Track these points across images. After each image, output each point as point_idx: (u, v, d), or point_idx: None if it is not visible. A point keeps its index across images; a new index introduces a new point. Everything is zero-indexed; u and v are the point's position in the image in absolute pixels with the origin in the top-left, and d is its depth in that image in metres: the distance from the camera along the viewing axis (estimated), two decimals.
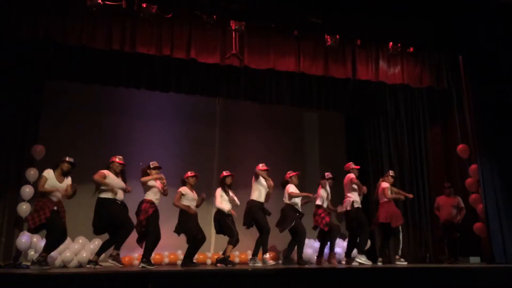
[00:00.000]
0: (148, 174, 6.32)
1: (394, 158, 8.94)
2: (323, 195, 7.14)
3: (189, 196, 6.57)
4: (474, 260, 7.41)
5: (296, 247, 6.75)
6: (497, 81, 7.59)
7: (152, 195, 6.23)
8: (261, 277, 4.89)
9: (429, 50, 8.10)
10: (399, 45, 7.75)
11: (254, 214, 6.68)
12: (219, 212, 6.65)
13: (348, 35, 7.56)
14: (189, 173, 6.70)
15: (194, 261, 6.73)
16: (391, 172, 7.62)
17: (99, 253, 5.94)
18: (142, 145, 8.29)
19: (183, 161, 8.07)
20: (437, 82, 8.21)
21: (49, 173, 5.68)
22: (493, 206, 7.18)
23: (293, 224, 6.67)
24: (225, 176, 6.84)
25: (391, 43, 7.73)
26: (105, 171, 5.94)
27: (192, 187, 6.67)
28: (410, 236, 8.55)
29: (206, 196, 6.84)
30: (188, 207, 6.49)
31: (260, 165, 6.94)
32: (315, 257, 7.41)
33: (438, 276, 5.54)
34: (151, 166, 6.37)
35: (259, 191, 6.80)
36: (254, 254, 6.71)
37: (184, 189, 6.58)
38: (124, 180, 6.13)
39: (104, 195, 5.85)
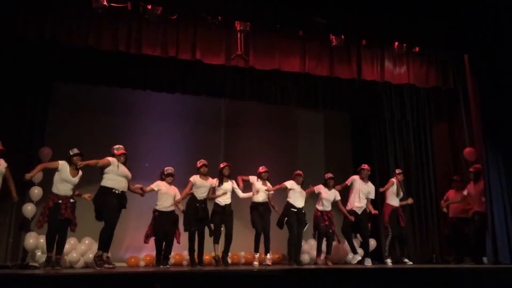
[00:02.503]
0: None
1: (400, 158, 8.90)
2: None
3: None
4: (486, 260, 7.34)
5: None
6: (504, 80, 7.54)
7: None
8: (267, 278, 4.90)
9: (435, 49, 8.07)
10: (404, 45, 7.73)
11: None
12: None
13: (353, 35, 7.55)
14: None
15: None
16: (397, 171, 7.66)
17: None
18: (148, 146, 8.33)
19: (188, 162, 8.08)
20: (444, 81, 8.18)
21: (63, 165, 5.77)
22: (500, 206, 7.12)
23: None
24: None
25: (396, 43, 7.71)
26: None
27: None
28: (416, 237, 8.52)
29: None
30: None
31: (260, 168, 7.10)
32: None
33: (442, 277, 5.51)
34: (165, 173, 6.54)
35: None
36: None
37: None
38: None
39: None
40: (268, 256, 6.74)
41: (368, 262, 6.98)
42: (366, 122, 9.35)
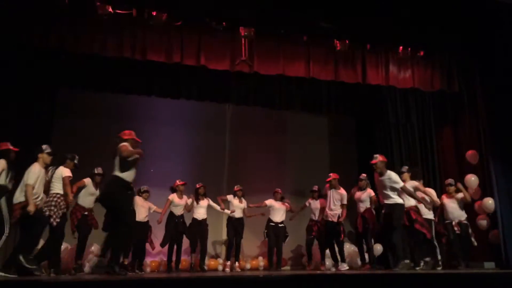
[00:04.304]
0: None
1: (405, 161, 8.85)
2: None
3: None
4: (489, 266, 7.31)
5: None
6: (508, 84, 7.51)
7: None
8: (274, 283, 4.88)
9: (440, 53, 8.06)
10: (409, 49, 7.72)
11: None
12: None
13: (358, 39, 7.55)
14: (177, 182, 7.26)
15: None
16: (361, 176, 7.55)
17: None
18: (153, 152, 8.33)
19: (193, 167, 8.11)
20: (448, 85, 8.16)
21: (89, 182, 6.48)
22: (507, 211, 7.09)
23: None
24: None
25: (401, 47, 7.70)
26: None
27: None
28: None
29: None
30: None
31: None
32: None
33: (450, 282, 5.46)
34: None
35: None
36: None
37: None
38: None
39: None
40: (237, 264, 7.54)
41: (343, 267, 7.20)
42: (371, 126, 9.32)
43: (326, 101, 8.50)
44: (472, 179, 7.63)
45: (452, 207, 7.18)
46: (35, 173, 5.26)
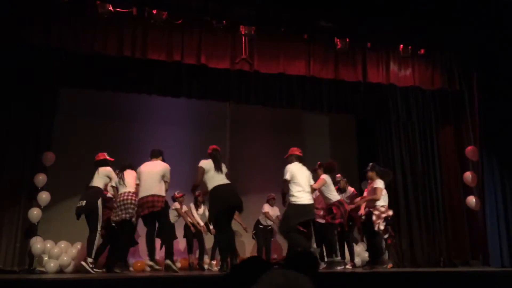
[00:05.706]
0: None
1: (406, 160, 8.84)
2: None
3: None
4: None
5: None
6: (506, 83, 7.51)
7: None
8: None
9: (441, 51, 8.05)
10: (409, 47, 7.71)
11: None
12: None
13: (358, 38, 7.54)
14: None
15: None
16: None
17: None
18: None
19: (194, 166, 8.08)
20: (449, 83, 8.15)
21: None
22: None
23: None
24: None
25: (401, 45, 7.69)
26: None
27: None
28: (423, 239, 8.47)
29: None
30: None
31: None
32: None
33: (450, 281, 5.46)
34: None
35: None
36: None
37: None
38: None
39: None
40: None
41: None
42: (371, 124, 9.30)
43: (327, 100, 8.48)
44: (469, 176, 7.76)
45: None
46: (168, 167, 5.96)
